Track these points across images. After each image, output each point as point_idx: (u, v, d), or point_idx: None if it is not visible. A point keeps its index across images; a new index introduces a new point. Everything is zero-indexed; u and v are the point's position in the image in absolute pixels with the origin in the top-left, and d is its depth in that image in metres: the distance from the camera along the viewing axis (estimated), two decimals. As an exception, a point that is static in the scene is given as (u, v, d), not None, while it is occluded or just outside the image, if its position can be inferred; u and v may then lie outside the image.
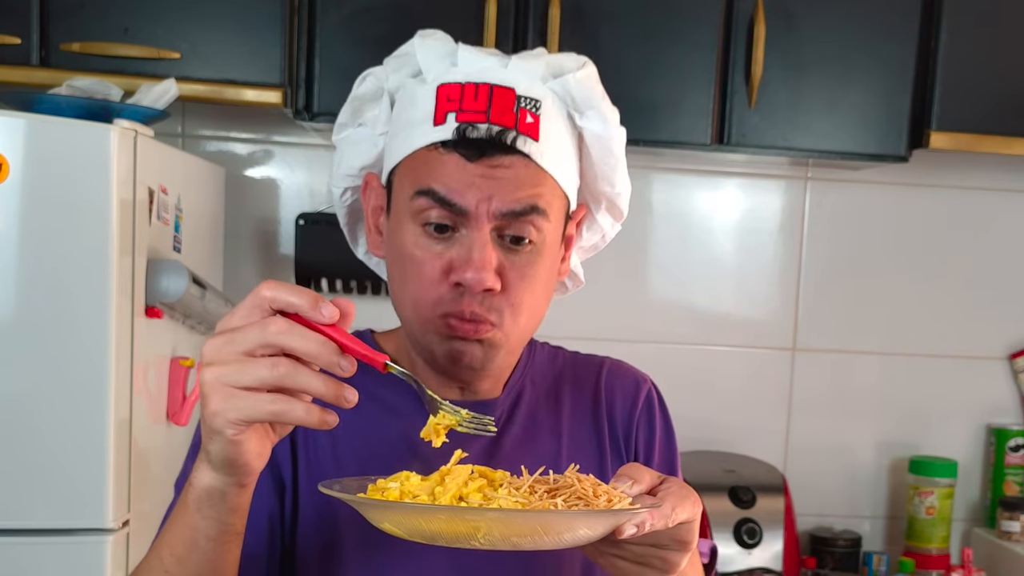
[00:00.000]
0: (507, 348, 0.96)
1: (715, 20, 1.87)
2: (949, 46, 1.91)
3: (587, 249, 1.12)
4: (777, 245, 2.29)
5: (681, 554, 0.81)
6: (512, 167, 0.92)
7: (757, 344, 2.30)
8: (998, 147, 1.95)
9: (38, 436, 1.41)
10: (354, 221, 1.11)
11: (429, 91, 0.95)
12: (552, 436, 1.03)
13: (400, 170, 0.96)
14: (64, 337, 1.41)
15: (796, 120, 1.91)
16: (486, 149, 0.91)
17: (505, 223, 0.92)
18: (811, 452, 2.32)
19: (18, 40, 1.70)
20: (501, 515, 0.73)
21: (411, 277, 0.94)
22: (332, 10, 1.80)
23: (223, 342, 0.72)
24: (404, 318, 0.99)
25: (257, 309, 0.72)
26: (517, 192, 0.91)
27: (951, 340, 2.33)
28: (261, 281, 0.74)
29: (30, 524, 1.42)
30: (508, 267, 0.93)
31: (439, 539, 0.74)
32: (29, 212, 1.39)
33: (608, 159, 1.01)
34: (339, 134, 1.06)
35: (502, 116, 0.92)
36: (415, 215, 0.93)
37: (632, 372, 1.11)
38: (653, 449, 1.06)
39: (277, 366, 0.71)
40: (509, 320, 0.94)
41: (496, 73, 0.95)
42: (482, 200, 0.90)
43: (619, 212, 1.07)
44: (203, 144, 2.13)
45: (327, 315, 0.72)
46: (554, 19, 1.79)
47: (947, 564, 2.22)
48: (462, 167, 0.91)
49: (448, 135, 0.92)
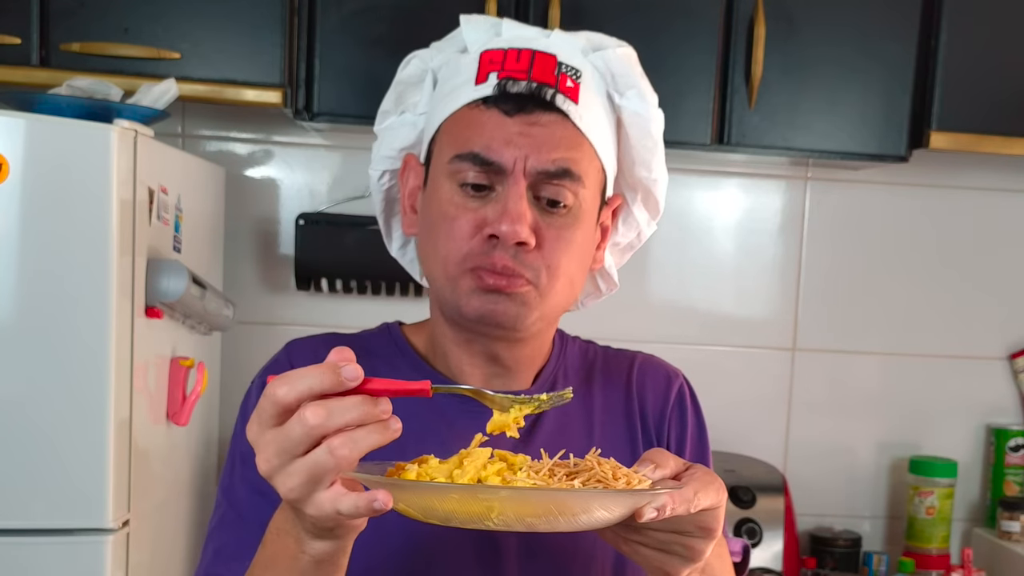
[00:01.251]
0: (540, 312, 0.95)
1: (715, 20, 1.87)
2: (949, 46, 1.91)
3: (623, 249, 1.11)
4: (777, 245, 2.29)
5: (705, 542, 0.79)
6: (550, 125, 0.92)
7: (757, 344, 2.30)
8: (998, 147, 1.95)
9: (38, 436, 1.41)
10: (389, 212, 1.10)
11: (472, 58, 0.97)
12: (584, 431, 1.02)
13: (440, 135, 0.97)
14: (64, 337, 1.41)
15: (796, 120, 1.91)
16: (525, 104, 0.92)
17: (541, 182, 0.92)
18: (811, 452, 2.32)
19: (18, 40, 1.70)
20: (514, 493, 0.71)
21: (443, 234, 0.94)
22: (332, 10, 1.80)
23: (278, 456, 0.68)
24: (434, 280, 0.98)
25: (282, 413, 0.69)
26: (553, 152, 0.92)
27: (951, 340, 2.33)
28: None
29: (30, 524, 1.42)
30: (544, 227, 0.93)
31: (453, 519, 0.72)
32: (29, 212, 1.39)
33: (646, 141, 1.01)
34: (382, 123, 1.06)
35: (543, 75, 0.94)
36: (452, 176, 0.93)
37: (664, 367, 1.10)
38: (684, 444, 1.06)
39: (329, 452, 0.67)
40: (544, 280, 0.93)
41: (539, 42, 0.97)
42: (519, 158, 0.91)
43: (655, 204, 1.07)
44: (203, 144, 2.13)
45: (352, 378, 0.69)
46: (554, 19, 1.79)
47: (947, 564, 2.22)
48: (501, 123, 0.92)
49: (489, 91, 0.93)
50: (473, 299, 0.93)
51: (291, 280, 2.12)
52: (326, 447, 0.67)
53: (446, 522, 0.73)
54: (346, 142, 2.16)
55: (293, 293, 2.14)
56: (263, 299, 2.15)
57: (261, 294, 2.15)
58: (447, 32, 1.05)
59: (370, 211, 2.11)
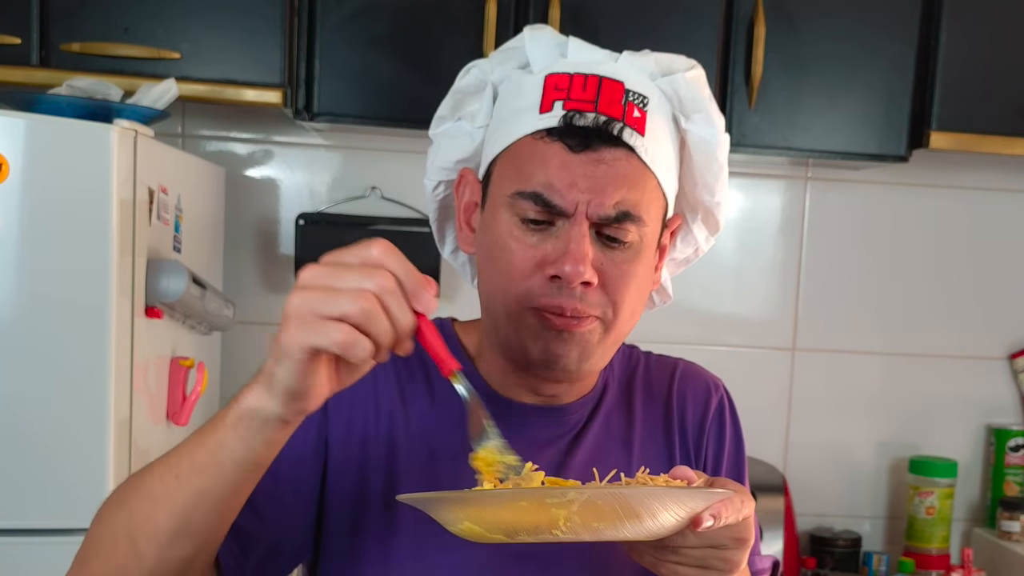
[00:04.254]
0: (603, 350, 0.94)
1: (715, 20, 1.87)
2: (949, 46, 1.91)
3: (679, 263, 1.10)
4: (777, 245, 2.29)
5: (741, 552, 0.80)
6: (615, 163, 0.90)
7: (757, 344, 2.30)
8: (998, 147, 1.95)
9: (38, 436, 1.41)
10: (443, 218, 1.08)
11: (536, 80, 0.94)
12: (623, 448, 1.01)
13: (501, 161, 0.95)
14: (64, 337, 1.41)
15: (796, 120, 1.91)
16: (592, 140, 0.90)
17: (603, 224, 0.90)
18: (811, 452, 2.32)
19: (18, 40, 1.70)
20: (582, 493, 0.71)
21: (503, 267, 0.92)
22: (332, 10, 1.80)
23: (323, 272, 0.70)
24: (492, 311, 0.96)
25: (361, 262, 0.71)
26: (616, 193, 0.90)
27: (951, 340, 2.33)
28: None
29: (30, 524, 1.42)
30: (606, 264, 0.91)
31: (520, 531, 0.72)
32: (29, 212, 1.39)
33: (712, 166, 0.99)
34: (437, 127, 1.04)
35: (610, 107, 0.91)
36: (511, 208, 0.92)
37: (704, 377, 1.09)
38: (722, 459, 1.05)
39: (360, 299, 0.69)
40: (611, 316, 0.92)
41: (606, 66, 0.94)
42: (581, 202, 0.89)
43: (715, 224, 1.05)
44: (203, 144, 2.13)
45: (424, 303, 0.72)
46: (554, 19, 1.79)
47: (947, 564, 2.22)
48: (566, 161, 0.90)
49: (554, 122, 0.90)
50: (539, 340, 0.91)
51: (291, 280, 2.11)
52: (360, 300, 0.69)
53: (512, 536, 0.72)
54: (346, 142, 2.16)
55: (293, 293, 2.14)
56: (263, 299, 2.15)
57: (261, 294, 2.15)
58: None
59: (370, 211, 2.12)
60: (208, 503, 0.77)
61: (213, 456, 0.76)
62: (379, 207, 2.13)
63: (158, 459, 0.81)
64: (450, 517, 0.74)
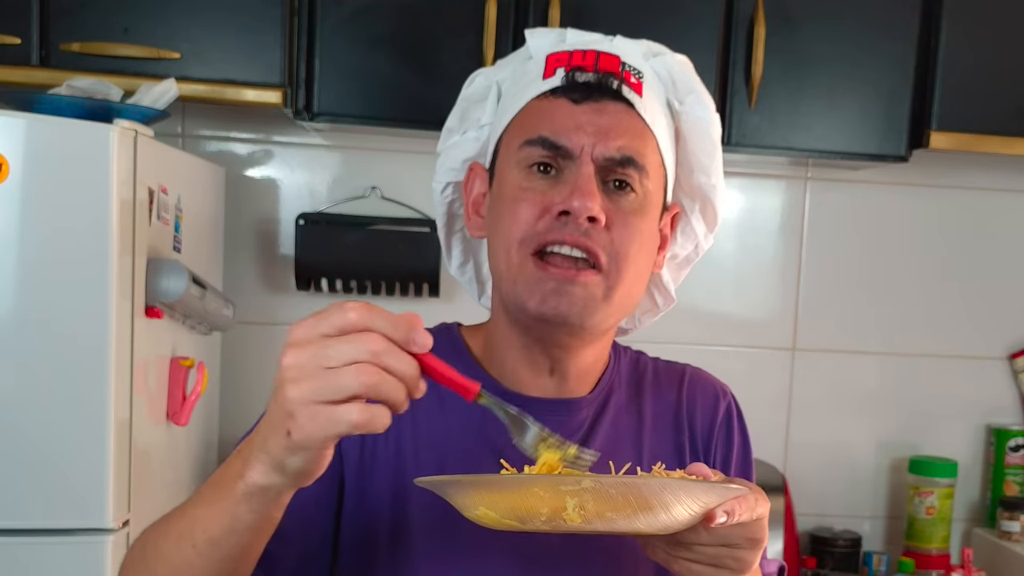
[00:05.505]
0: (607, 308, 0.93)
1: (715, 20, 1.87)
2: (949, 46, 1.91)
3: (680, 262, 1.11)
4: (777, 245, 2.29)
5: (753, 552, 0.80)
6: (617, 114, 0.94)
7: (757, 344, 2.30)
8: (998, 147, 1.95)
9: (38, 436, 1.41)
10: (450, 229, 1.09)
11: (539, 61, 0.99)
12: (634, 447, 1.01)
13: (507, 133, 0.98)
14: (64, 337, 1.41)
15: (796, 120, 1.91)
16: (593, 93, 0.94)
17: (607, 168, 0.93)
18: (811, 452, 2.32)
19: (18, 40, 1.70)
20: (596, 481, 0.71)
21: (509, 217, 0.93)
22: (332, 10, 1.80)
23: (311, 354, 0.68)
24: (498, 274, 0.96)
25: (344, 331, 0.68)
26: (620, 138, 0.93)
27: (951, 340, 2.33)
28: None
29: (30, 524, 1.42)
30: (612, 209, 0.93)
31: (534, 518, 0.72)
32: (29, 212, 1.39)
33: (705, 144, 1.02)
34: (446, 141, 1.06)
35: (609, 69, 0.96)
36: (520, 162, 0.94)
37: (712, 383, 1.10)
38: (730, 462, 1.07)
39: (361, 373, 0.67)
40: (614, 266, 0.92)
41: (602, 44, 0.99)
42: (586, 144, 0.92)
43: (713, 215, 1.07)
44: (203, 144, 2.13)
45: (420, 345, 0.70)
46: (554, 19, 1.79)
47: (947, 564, 2.22)
48: (569, 111, 0.93)
49: (557, 83, 0.95)
50: (536, 292, 0.91)
51: (291, 280, 2.12)
52: (360, 373, 0.67)
53: (525, 523, 0.73)
54: (346, 142, 2.16)
55: (293, 293, 2.14)
56: (263, 299, 2.15)
57: (261, 294, 2.15)
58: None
59: (370, 211, 2.12)
60: (230, 565, 0.79)
61: (228, 529, 0.76)
62: (379, 207, 2.13)
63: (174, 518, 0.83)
64: (466, 502, 0.75)
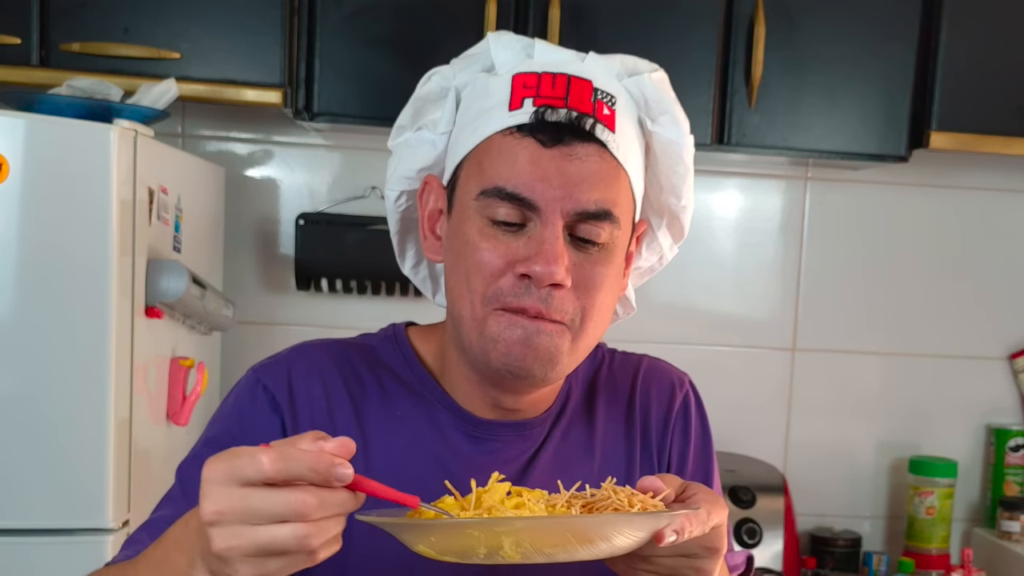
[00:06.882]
0: (570, 358, 0.91)
1: (715, 20, 1.87)
2: (949, 46, 1.91)
3: (642, 272, 1.08)
4: (777, 245, 2.29)
5: (712, 561, 0.79)
6: (588, 160, 0.88)
7: (757, 344, 2.30)
8: (998, 147, 1.95)
9: (38, 436, 1.41)
10: (405, 231, 1.06)
11: (504, 80, 0.92)
12: (586, 456, 0.99)
13: (468, 162, 0.92)
14: (64, 337, 1.41)
15: (796, 120, 1.91)
16: (564, 135, 0.88)
17: (577, 222, 0.88)
18: (811, 452, 2.32)
19: (18, 40, 1.70)
20: (530, 523, 0.71)
21: (471, 266, 0.89)
22: (332, 10, 1.80)
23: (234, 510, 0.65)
24: (457, 318, 0.93)
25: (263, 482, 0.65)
26: (592, 191, 0.88)
27: (951, 340, 2.33)
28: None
29: (30, 524, 1.42)
30: (577, 265, 0.89)
31: (473, 555, 0.72)
32: (29, 212, 1.39)
33: (678, 167, 0.97)
34: (397, 138, 1.01)
35: (581, 103, 0.89)
36: (481, 210, 0.89)
37: (669, 373, 1.07)
38: (687, 459, 1.03)
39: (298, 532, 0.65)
40: (579, 323, 0.89)
41: (574, 66, 0.93)
42: (555, 198, 0.87)
43: (680, 230, 1.03)
44: (203, 144, 2.13)
45: (342, 480, 0.67)
46: (554, 19, 1.79)
47: (947, 564, 2.22)
48: (537, 155, 0.87)
49: (525, 119, 0.88)
50: (500, 345, 0.88)
51: (291, 280, 2.12)
52: (297, 531, 0.65)
53: (465, 559, 0.72)
54: (346, 142, 2.16)
55: (293, 293, 2.14)
56: (263, 299, 2.15)
57: (261, 294, 2.15)
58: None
59: (370, 211, 2.12)
60: None
61: None
62: (379, 207, 2.13)
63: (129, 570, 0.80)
64: (407, 539, 0.74)
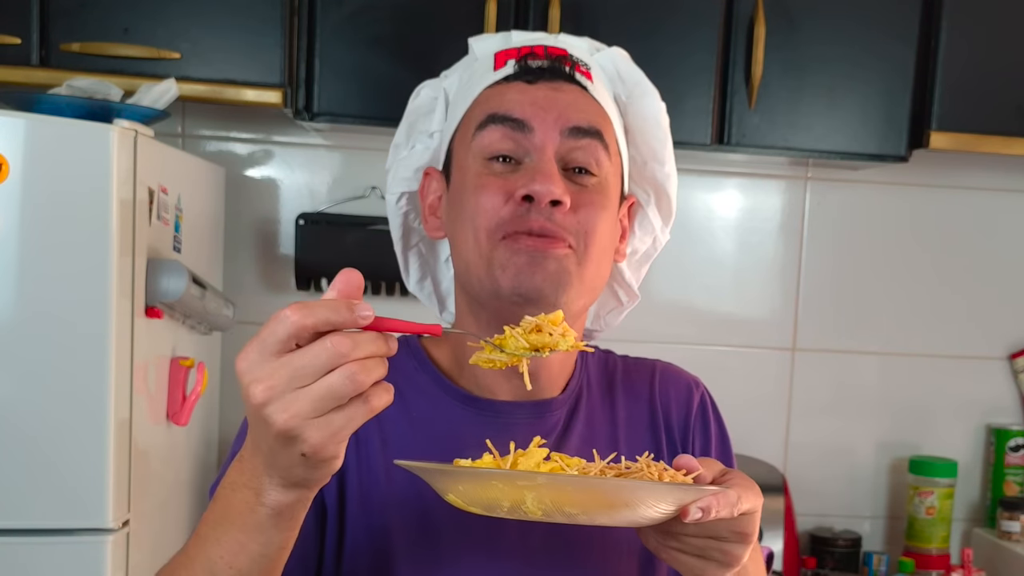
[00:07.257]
0: (579, 285, 0.92)
1: (715, 20, 1.87)
2: (949, 46, 1.91)
3: (640, 258, 1.11)
4: (777, 245, 2.29)
5: (742, 547, 0.79)
6: (573, 93, 0.95)
7: (757, 344, 2.30)
8: (998, 147, 1.95)
9: (38, 436, 1.41)
10: (406, 243, 1.09)
11: (486, 59, 0.99)
12: (609, 443, 1.01)
13: (461, 128, 0.97)
14: (64, 337, 1.41)
15: (796, 120, 1.91)
16: (546, 74, 0.95)
17: (570, 148, 0.92)
18: (811, 452, 2.32)
19: (18, 40, 1.70)
20: (552, 480, 0.72)
21: (475, 209, 0.92)
22: (332, 10, 1.80)
23: (284, 383, 0.66)
24: (467, 264, 0.94)
25: (293, 338, 0.67)
26: (581, 113, 0.94)
27: (951, 340, 2.33)
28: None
29: (30, 524, 1.42)
30: (575, 192, 0.92)
31: (497, 508, 0.73)
32: (29, 212, 1.39)
33: (657, 132, 1.03)
34: (395, 155, 1.06)
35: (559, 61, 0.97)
36: (480, 152, 0.93)
37: (684, 376, 1.09)
38: (709, 454, 1.05)
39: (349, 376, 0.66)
40: (582, 244, 0.92)
41: (548, 40, 1.00)
42: (547, 119, 0.92)
43: (668, 206, 1.07)
44: (203, 144, 2.13)
45: (366, 317, 0.68)
46: (554, 19, 1.79)
47: (947, 564, 2.22)
48: (524, 88, 0.94)
49: (509, 71, 0.96)
50: (509, 269, 0.90)
51: (291, 280, 2.12)
52: (345, 372, 0.66)
53: (490, 511, 0.74)
54: (346, 142, 2.16)
55: (293, 293, 2.14)
56: (263, 299, 2.15)
57: (261, 294, 2.15)
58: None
59: (370, 211, 2.12)
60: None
61: (259, 555, 0.75)
62: (379, 207, 2.13)
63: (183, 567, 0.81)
64: (439, 487, 0.77)
